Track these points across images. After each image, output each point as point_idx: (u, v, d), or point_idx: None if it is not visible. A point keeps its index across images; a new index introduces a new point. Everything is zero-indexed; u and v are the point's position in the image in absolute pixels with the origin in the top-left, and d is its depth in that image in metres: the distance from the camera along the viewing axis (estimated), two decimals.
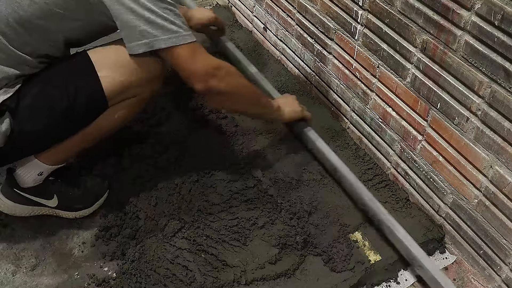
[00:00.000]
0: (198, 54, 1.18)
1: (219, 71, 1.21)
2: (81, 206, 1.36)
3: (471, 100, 1.12)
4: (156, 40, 1.11)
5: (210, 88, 1.20)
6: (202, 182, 1.44)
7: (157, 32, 1.11)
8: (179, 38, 1.13)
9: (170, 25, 1.12)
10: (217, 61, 1.23)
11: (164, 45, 1.12)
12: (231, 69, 1.27)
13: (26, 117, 1.14)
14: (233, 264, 1.25)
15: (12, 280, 1.23)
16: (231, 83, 1.25)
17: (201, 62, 1.18)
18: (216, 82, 1.20)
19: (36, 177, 1.27)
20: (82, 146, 1.28)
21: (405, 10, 1.22)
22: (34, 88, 1.15)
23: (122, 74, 1.17)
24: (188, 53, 1.16)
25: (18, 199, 1.30)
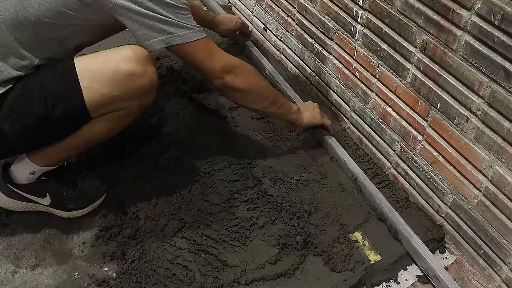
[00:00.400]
0: (214, 50, 1.24)
1: (236, 68, 1.27)
2: (74, 206, 1.35)
3: (471, 100, 1.12)
4: (172, 37, 1.15)
5: (226, 84, 1.26)
6: (202, 182, 1.44)
7: (173, 29, 1.15)
8: (194, 34, 1.18)
9: (185, 23, 1.17)
10: (233, 58, 1.29)
11: (180, 41, 1.16)
12: (248, 67, 1.32)
13: (4, 118, 1.13)
14: (233, 264, 1.25)
15: (12, 280, 1.23)
16: (247, 80, 1.30)
17: (217, 59, 1.24)
18: (233, 78, 1.26)
19: (29, 176, 1.28)
20: (72, 153, 1.30)
21: (405, 10, 1.22)
22: (17, 90, 1.14)
23: (106, 86, 1.14)
24: (205, 49, 1.21)
25: (12, 194, 1.30)
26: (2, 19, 1.08)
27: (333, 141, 1.56)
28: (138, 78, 1.16)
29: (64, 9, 1.10)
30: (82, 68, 1.15)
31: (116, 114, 1.20)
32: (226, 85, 1.28)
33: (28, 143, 1.21)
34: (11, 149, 1.23)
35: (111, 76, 1.14)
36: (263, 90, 1.38)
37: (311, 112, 1.52)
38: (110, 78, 1.14)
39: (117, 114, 1.20)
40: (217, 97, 1.77)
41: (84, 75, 1.14)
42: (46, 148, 1.23)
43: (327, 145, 1.58)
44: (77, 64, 1.15)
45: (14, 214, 1.35)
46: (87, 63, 1.16)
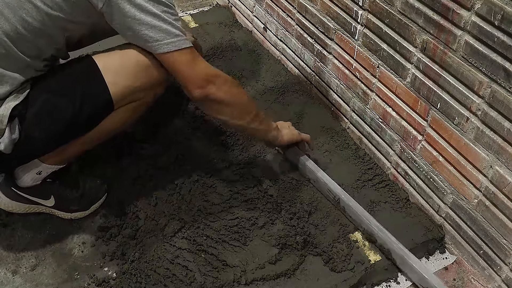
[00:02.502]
0: (198, 60, 1.20)
1: (218, 79, 1.21)
2: (77, 208, 1.36)
3: (471, 100, 1.12)
4: (158, 45, 1.13)
5: (207, 95, 1.20)
6: (202, 182, 1.44)
7: (159, 36, 1.12)
8: (180, 42, 1.15)
9: (172, 29, 1.13)
10: (215, 69, 1.24)
11: (166, 49, 1.14)
12: (229, 78, 1.26)
13: (33, 124, 1.14)
14: (233, 264, 1.25)
15: (12, 280, 1.23)
16: (229, 91, 1.24)
17: (200, 68, 1.19)
18: (214, 90, 1.20)
19: (35, 176, 1.27)
20: (83, 149, 1.29)
21: (405, 10, 1.22)
22: (42, 95, 1.15)
23: (128, 78, 1.18)
24: (188, 58, 1.17)
25: (15, 197, 1.30)
26: (2, 30, 1.08)
27: (311, 163, 1.45)
28: (155, 69, 1.20)
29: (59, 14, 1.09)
30: (104, 64, 1.18)
31: (133, 105, 1.23)
32: (207, 96, 1.20)
33: (56, 144, 1.21)
34: (37, 153, 1.23)
35: (133, 69, 1.18)
36: (246, 104, 1.30)
37: (288, 129, 1.44)
38: (132, 71, 1.18)
39: (135, 104, 1.24)
40: None
41: (108, 71, 1.17)
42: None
43: (303, 167, 1.47)
44: (97, 61, 1.18)
45: (14, 214, 1.35)
46: (107, 59, 1.19)
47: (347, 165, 1.55)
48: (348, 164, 1.55)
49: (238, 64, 1.94)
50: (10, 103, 1.11)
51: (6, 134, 1.11)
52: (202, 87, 1.19)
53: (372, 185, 1.48)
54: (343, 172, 1.52)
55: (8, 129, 1.11)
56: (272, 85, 1.85)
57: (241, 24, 2.20)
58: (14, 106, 1.11)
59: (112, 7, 1.09)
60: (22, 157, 1.21)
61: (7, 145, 1.12)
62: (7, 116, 1.10)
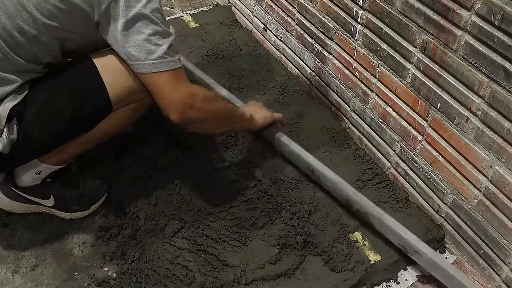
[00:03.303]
0: (178, 82, 1.15)
1: (196, 99, 1.17)
2: (77, 208, 1.36)
3: (471, 100, 1.12)
4: (139, 64, 1.10)
5: (186, 118, 1.16)
6: (202, 182, 1.44)
7: (141, 55, 1.09)
8: (162, 65, 1.11)
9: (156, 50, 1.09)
10: (194, 88, 1.20)
11: (145, 70, 1.11)
12: (207, 95, 1.23)
13: (32, 125, 1.14)
14: (233, 264, 1.25)
15: (12, 280, 1.23)
16: (207, 110, 1.21)
17: (179, 92, 1.15)
18: (193, 112, 1.16)
19: (35, 176, 1.28)
20: (83, 149, 1.29)
21: (405, 10, 1.22)
22: (41, 96, 1.15)
23: (127, 79, 1.17)
24: (168, 81, 1.13)
25: (15, 196, 1.30)
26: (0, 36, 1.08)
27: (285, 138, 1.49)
28: None
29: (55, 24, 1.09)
30: (103, 64, 1.17)
31: (133, 106, 1.23)
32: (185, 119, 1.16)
33: (54, 144, 1.21)
34: (36, 153, 1.23)
35: (131, 70, 1.16)
36: (223, 115, 1.30)
37: (261, 113, 1.46)
38: (131, 71, 1.16)
39: (133, 106, 1.23)
40: None
41: (106, 71, 1.16)
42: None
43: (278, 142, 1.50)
44: (96, 61, 1.17)
45: (14, 214, 1.35)
46: (106, 60, 1.18)
47: (347, 165, 1.55)
48: (348, 164, 1.55)
49: (238, 64, 1.94)
50: (8, 104, 1.11)
51: (4, 134, 1.11)
52: (180, 112, 1.15)
53: (372, 185, 1.48)
54: (343, 172, 1.52)
55: (6, 129, 1.11)
56: (272, 85, 1.85)
57: (241, 24, 2.20)
58: (13, 106, 1.11)
59: (106, 20, 1.09)
60: (20, 157, 1.21)
61: (5, 145, 1.12)
62: (5, 117, 1.10)
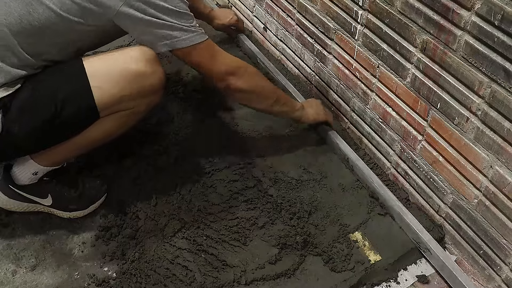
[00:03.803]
0: (217, 53, 1.26)
1: (239, 70, 1.28)
2: (76, 207, 1.36)
3: (471, 100, 1.12)
4: (176, 40, 1.17)
5: (229, 86, 1.28)
6: (202, 182, 1.44)
7: (176, 33, 1.16)
8: (197, 37, 1.19)
9: (187, 27, 1.18)
10: (236, 60, 1.30)
11: (184, 44, 1.18)
12: (250, 69, 1.34)
13: (14, 119, 1.13)
14: (233, 264, 1.25)
15: (12, 280, 1.23)
16: (250, 81, 1.31)
17: (220, 61, 1.26)
18: (235, 81, 1.28)
19: (31, 176, 1.28)
20: (75, 153, 1.30)
21: (405, 10, 1.22)
22: (26, 91, 1.14)
23: (115, 86, 1.15)
24: (208, 52, 1.23)
25: (13, 195, 1.30)
26: (6, 22, 1.08)
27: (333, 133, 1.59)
28: (147, 78, 1.18)
29: (67, 15, 1.10)
30: (92, 68, 1.15)
31: (123, 113, 1.21)
32: (229, 87, 1.30)
33: (37, 143, 1.20)
34: (19, 150, 1.23)
35: (120, 76, 1.15)
36: (266, 90, 1.40)
37: (315, 109, 1.55)
38: (120, 78, 1.15)
39: (125, 113, 1.21)
40: (217, 97, 1.77)
41: (94, 75, 1.15)
42: (51, 148, 1.23)
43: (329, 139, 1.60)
44: (86, 64, 1.16)
45: (14, 214, 1.36)
46: (96, 64, 1.17)
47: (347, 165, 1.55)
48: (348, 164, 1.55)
49: None
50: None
51: None
52: (223, 80, 1.28)
53: None
54: (343, 172, 1.52)
55: None
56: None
57: None
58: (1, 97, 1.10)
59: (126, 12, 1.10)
60: (6, 151, 1.20)
61: None
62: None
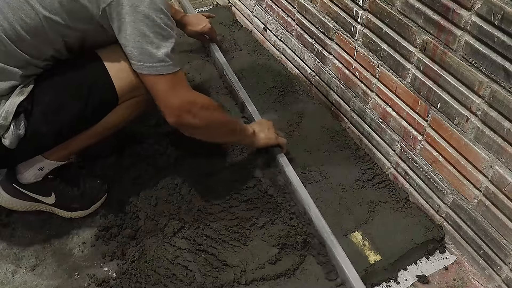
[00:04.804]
0: (177, 87, 1.17)
1: (194, 106, 1.19)
2: (78, 206, 1.36)
3: (471, 100, 1.12)
4: (140, 65, 1.13)
5: (182, 123, 1.19)
6: (202, 182, 1.44)
7: (142, 57, 1.12)
8: (162, 68, 1.13)
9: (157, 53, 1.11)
10: (193, 95, 1.21)
11: (146, 72, 1.13)
12: (206, 103, 1.24)
13: (40, 122, 1.15)
14: (233, 264, 1.25)
15: (12, 280, 1.23)
16: (205, 118, 1.22)
17: (177, 96, 1.17)
18: (190, 118, 1.18)
19: (37, 172, 1.28)
20: (87, 143, 1.29)
21: (405, 10, 1.22)
22: (48, 90, 1.16)
23: (132, 73, 1.18)
24: (167, 85, 1.15)
25: (16, 193, 1.31)
26: (2, 28, 1.08)
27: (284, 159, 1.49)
28: None
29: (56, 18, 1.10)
30: (108, 59, 1.19)
31: (136, 100, 1.25)
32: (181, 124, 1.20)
33: (62, 139, 1.22)
34: (42, 148, 1.23)
35: None
36: (221, 126, 1.31)
37: (266, 133, 1.47)
38: None
39: (137, 100, 1.25)
40: (217, 98, 1.77)
41: (112, 66, 1.18)
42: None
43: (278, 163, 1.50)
44: (101, 55, 1.19)
45: (14, 214, 1.36)
46: (111, 55, 1.19)
47: (347, 165, 1.55)
48: (348, 164, 1.55)
49: (238, 64, 1.94)
50: (16, 99, 1.12)
51: (11, 130, 1.12)
52: (177, 115, 1.17)
53: (372, 185, 1.48)
54: (343, 172, 1.52)
55: (13, 125, 1.12)
56: (272, 85, 1.85)
57: (241, 24, 2.20)
58: (20, 102, 1.12)
59: (108, 18, 1.10)
60: (27, 152, 1.21)
61: (13, 140, 1.13)
62: (12, 113, 1.11)
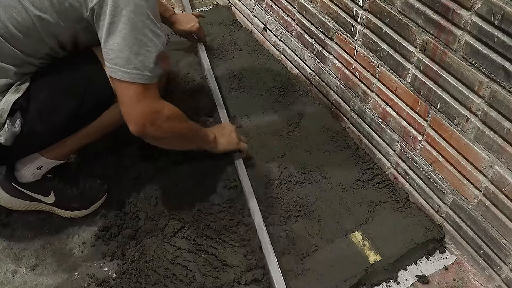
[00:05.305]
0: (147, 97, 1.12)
1: (158, 118, 1.15)
2: (78, 206, 1.36)
3: (471, 100, 1.12)
4: (113, 68, 1.07)
5: (144, 133, 1.14)
6: (202, 182, 1.44)
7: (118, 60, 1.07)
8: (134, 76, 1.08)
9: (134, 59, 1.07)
10: (160, 106, 1.16)
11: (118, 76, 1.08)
12: (172, 114, 1.19)
13: (35, 119, 1.14)
14: (233, 264, 1.25)
15: (12, 280, 1.23)
16: (168, 129, 1.18)
17: (144, 106, 1.12)
18: (153, 129, 1.14)
19: (35, 171, 1.28)
20: (85, 141, 1.29)
21: (405, 10, 1.22)
22: (44, 88, 1.15)
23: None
24: (136, 94, 1.10)
25: (15, 193, 1.31)
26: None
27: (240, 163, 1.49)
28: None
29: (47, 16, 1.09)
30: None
31: None
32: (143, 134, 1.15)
33: (58, 137, 1.22)
34: (38, 146, 1.23)
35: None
36: (184, 136, 1.28)
37: (227, 138, 1.46)
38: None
39: None
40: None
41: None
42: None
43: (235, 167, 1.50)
44: (97, 52, 1.18)
45: (14, 214, 1.36)
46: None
47: (347, 165, 1.55)
48: (348, 164, 1.55)
49: (238, 64, 1.94)
50: (11, 97, 1.11)
51: (6, 127, 1.12)
52: (139, 125, 1.12)
53: (372, 185, 1.48)
54: (343, 172, 1.52)
55: (8, 122, 1.12)
56: (272, 85, 1.85)
57: (241, 24, 2.20)
58: (15, 100, 1.11)
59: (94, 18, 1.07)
60: (23, 149, 1.21)
61: (8, 138, 1.13)
62: (7, 111, 1.11)
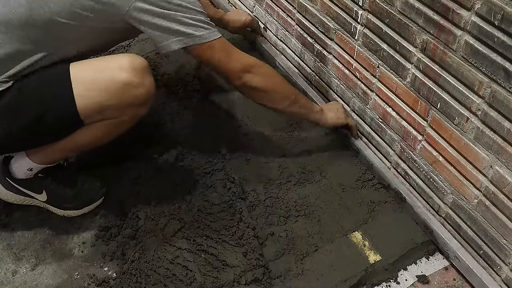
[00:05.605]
0: (232, 50, 1.26)
1: (254, 68, 1.28)
2: (70, 206, 1.36)
3: (471, 100, 1.12)
4: (189, 37, 1.16)
5: (245, 84, 1.28)
6: (202, 182, 1.44)
7: (190, 30, 1.16)
8: (211, 34, 1.20)
9: (201, 24, 1.18)
10: (251, 58, 1.30)
11: (197, 41, 1.17)
12: (266, 67, 1.34)
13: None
14: (233, 264, 1.25)
15: (12, 280, 1.23)
16: (266, 80, 1.31)
17: (236, 59, 1.26)
18: (251, 78, 1.27)
19: (27, 172, 1.29)
20: (65, 154, 1.31)
21: (405, 10, 1.22)
22: (13, 91, 1.13)
23: (100, 95, 1.13)
24: (222, 49, 1.23)
25: (10, 187, 1.32)
26: (16, 14, 1.07)
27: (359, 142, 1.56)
28: (134, 88, 1.15)
29: (79, 11, 1.09)
30: (77, 74, 1.14)
31: (108, 122, 1.20)
32: (245, 85, 1.29)
33: (22, 144, 1.23)
34: (6, 149, 1.25)
35: (106, 85, 1.13)
36: (283, 89, 1.38)
37: (335, 113, 1.51)
38: (105, 87, 1.13)
39: (110, 122, 1.20)
40: (217, 98, 1.77)
41: (79, 82, 1.13)
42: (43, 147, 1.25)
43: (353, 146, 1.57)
44: (72, 70, 1.14)
45: (14, 214, 1.36)
46: (82, 70, 1.15)
47: (347, 165, 1.55)
48: (348, 164, 1.55)
49: None
50: None
51: None
52: (239, 77, 1.27)
53: (372, 185, 1.48)
54: (343, 172, 1.52)
55: None
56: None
57: None
58: None
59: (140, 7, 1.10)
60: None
61: None
62: None
